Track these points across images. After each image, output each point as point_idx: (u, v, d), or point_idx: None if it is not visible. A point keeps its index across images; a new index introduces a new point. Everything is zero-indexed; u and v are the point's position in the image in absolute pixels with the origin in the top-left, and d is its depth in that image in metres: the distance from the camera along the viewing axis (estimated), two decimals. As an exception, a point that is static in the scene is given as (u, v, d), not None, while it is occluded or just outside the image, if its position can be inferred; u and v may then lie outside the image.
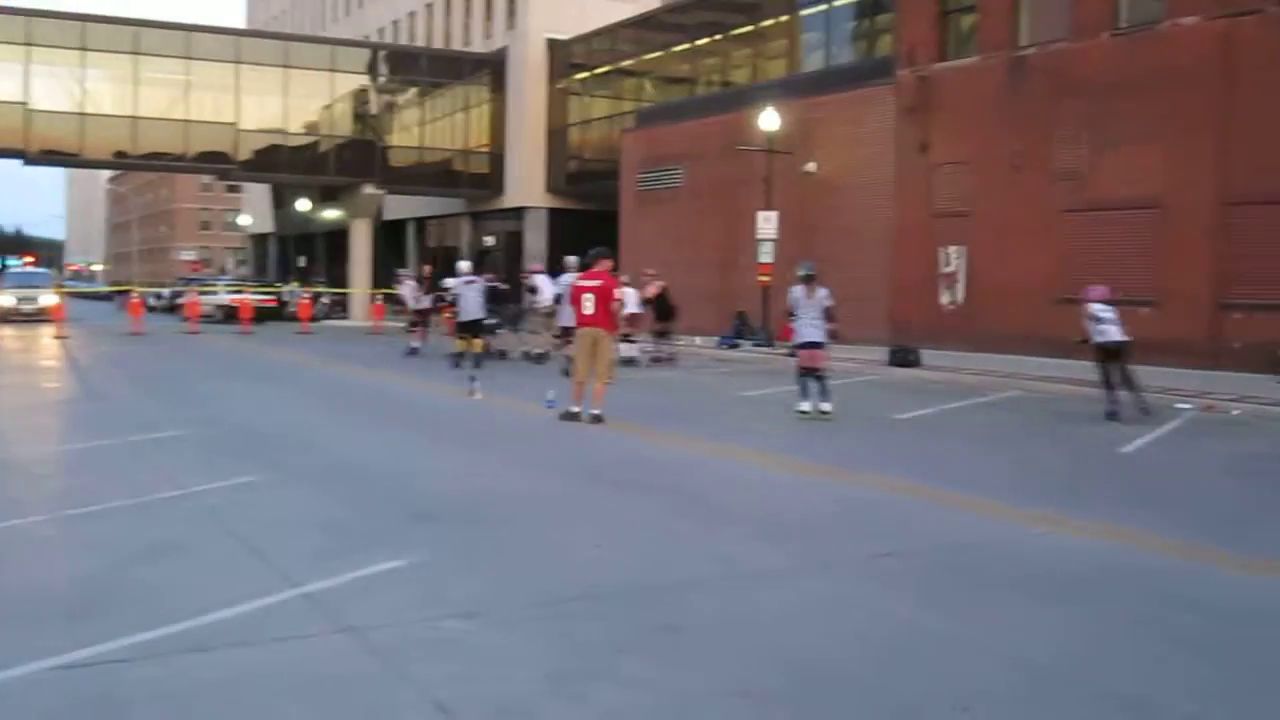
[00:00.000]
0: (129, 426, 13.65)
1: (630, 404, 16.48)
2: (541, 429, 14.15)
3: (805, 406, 15.50)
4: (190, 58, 44.24)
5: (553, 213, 46.95)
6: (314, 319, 40.70)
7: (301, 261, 63.69)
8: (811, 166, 30.82)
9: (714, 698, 5.19)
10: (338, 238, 55.18)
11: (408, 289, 30.09)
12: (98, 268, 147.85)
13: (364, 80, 48.77)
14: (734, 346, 29.02)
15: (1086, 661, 5.74)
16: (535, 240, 46.36)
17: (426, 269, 33.93)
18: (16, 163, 44.18)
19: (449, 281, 24.03)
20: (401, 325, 33.38)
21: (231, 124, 44.80)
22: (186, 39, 44.42)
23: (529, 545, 7.94)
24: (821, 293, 15.68)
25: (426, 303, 29.41)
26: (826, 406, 15.36)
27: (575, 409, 14.59)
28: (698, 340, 30.23)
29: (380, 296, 44.04)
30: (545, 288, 24.77)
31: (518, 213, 47.74)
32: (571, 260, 24.62)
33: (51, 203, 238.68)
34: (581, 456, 12.06)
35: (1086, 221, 24.12)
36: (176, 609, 6.31)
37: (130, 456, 11.59)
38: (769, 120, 29.21)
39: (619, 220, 38.84)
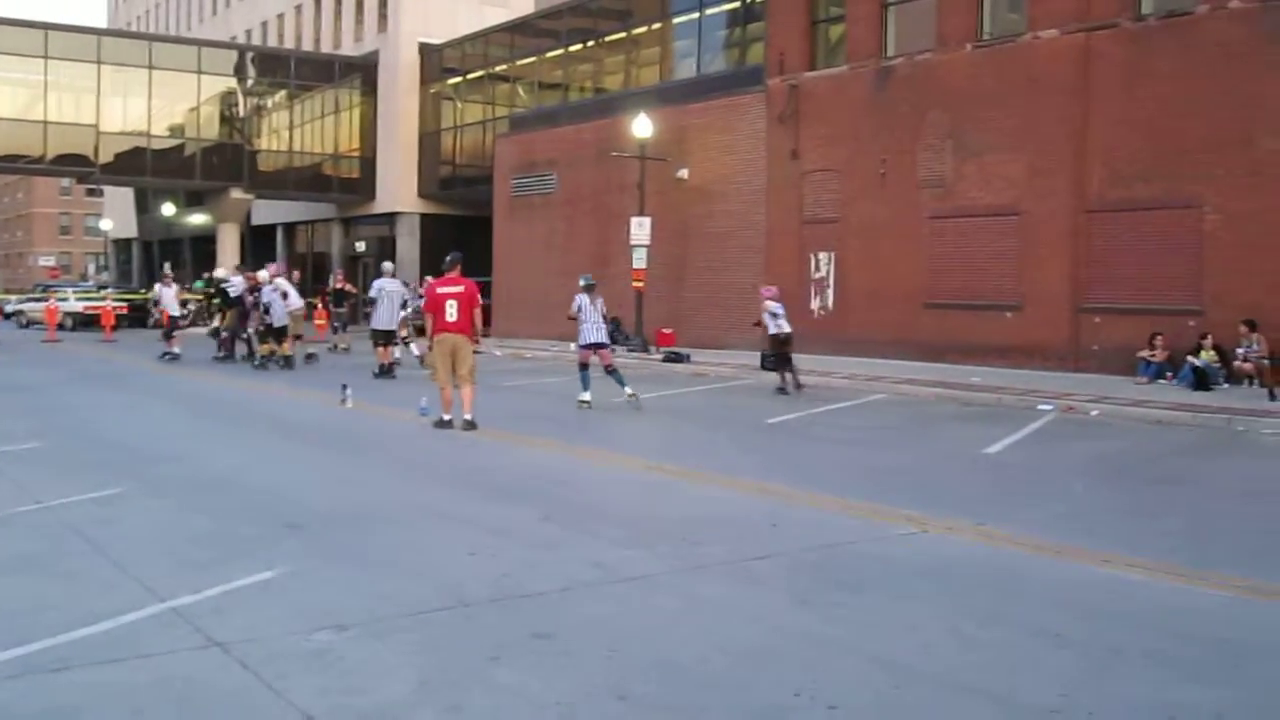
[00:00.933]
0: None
1: (504, 411, 16.44)
2: (414, 437, 14.05)
3: (586, 397, 17.54)
4: (49, 57, 43.02)
5: (425, 218, 46.67)
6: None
7: (166, 267, 62.27)
8: (684, 173, 31.06)
9: (589, 702, 5.22)
10: (205, 242, 54.20)
11: (170, 293, 28.35)
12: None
13: (231, 82, 47.92)
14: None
15: (951, 658, 5.89)
16: (407, 246, 46.06)
17: (296, 275, 33.38)
18: None
19: (375, 284, 23.78)
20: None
21: (92, 126, 43.68)
22: (45, 37, 43.17)
23: (401, 554, 7.88)
24: (600, 301, 18.19)
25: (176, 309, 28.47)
26: (630, 390, 17.55)
27: (447, 417, 14.51)
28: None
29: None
30: (292, 294, 25.08)
31: (390, 218, 47.34)
32: (388, 266, 24.83)
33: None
34: (454, 464, 12.01)
35: (952, 228, 24.71)
36: (34, 626, 6.14)
37: (-15, 470, 11.23)
38: (642, 127, 29.38)
39: (493, 225, 38.71)
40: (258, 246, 52.84)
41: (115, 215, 70.91)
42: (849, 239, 26.91)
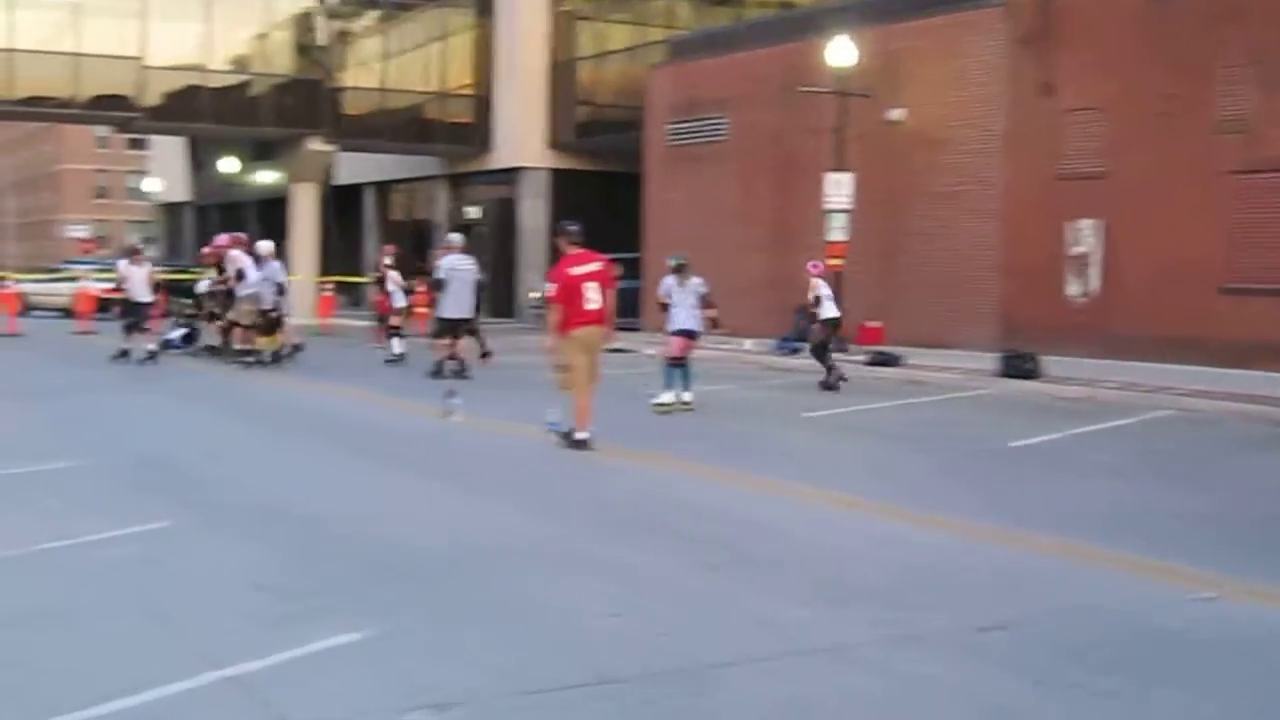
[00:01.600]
0: (7, 457, 13.73)
1: (654, 428, 16.50)
2: (536, 458, 14.20)
3: (667, 398, 18.58)
4: (83, -27, 44.45)
5: (556, 175, 46.95)
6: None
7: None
8: (897, 114, 30.77)
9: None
10: (274, 208, 55.25)
11: (140, 274, 28.06)
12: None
13: (309, 2, 48.95)
14: (795, 352, 28.98)
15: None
16: (533, 211, 46.42)
17: (389, 249, 33.97)
18: None
19: (444, 262, 24.17)
20: (368, 323, 33.62)
21: (136, 59, 44.85)
22: (77, -51, 44.62)
23: (524, 611, 7.95)
24: (694, 281, 19.24)
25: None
26: (688, 396, 18.74)
27: (583, 434, 14.63)
28: (748, 344, 30.23)
29: (334, 285, 44.15)
30: (250, 271, 25.73)
31: (510, 175, 47.75)
32: (456, 238, 25.13)
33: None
34: (589, 494, 12.11)
35: (1261, 186, 24.03)
36: (59, 696, 6.32)
37: (5, 496, 11.66)
38: (840, 53, 29.19)
39: (642, 185, 38.88)
40: (342, 211, 53.85)
41: (164, 173, 73.02)
42: (1119, 202, 26.35)
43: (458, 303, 23.74)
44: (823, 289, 22.47)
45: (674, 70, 38.89)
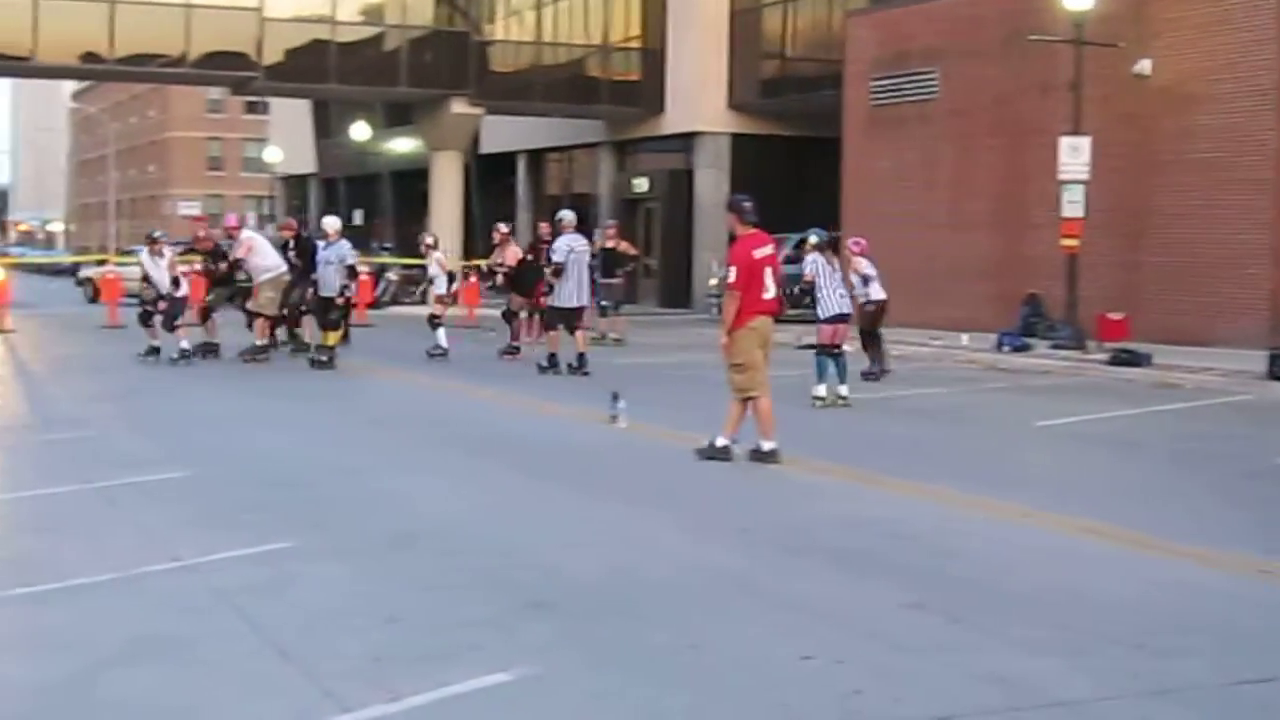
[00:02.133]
0: (104, 464, 14.09)
1: (849, 436, 16.43)
2: (709, 472, 14.21)
3: (822, 391, 19.65)
4: (192, -90, 45.27)
5: (738, 140, 46.92)
6: (375, 304, 41.37)
7: (357, 217, 64.91)
8: (1144, 66, 30.31)
9: None
10: (411, 180, 55.96)
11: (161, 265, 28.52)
12: (56, 227, 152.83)
13: (451, -59, 49.52)
14: (1022, 349, 28.71)
15: None
16: (711, 182, 46.40)
17: (544, 228, 34.21)
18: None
19: (559, 243, 24.45)
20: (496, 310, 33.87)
21: (254, 10, 45.60)
22: (188, -116, 45.45)
23: (697, 653, 7.95)
24: (837, 261, 20.65)
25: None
26: (844, 390, 19.71)
27: (725, 440, 14.69)
28: (964, 339, 30.00)
29: (477, 270, 44.48)
30: (265, 254, 25.94)
31: (685, 140, 47.85)
32: (569, 215, 25.41)
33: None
34: (772, 515, 12.10)
35: None
36: (170, 739, 6.50)
37: (105, 510, 11.97)
38: (1078, -6, 28.83)
39: (840, 151, 38.72)
40: (489, 184, 54.33)
41: (285, 142, 74.31)
42: None
43: (579, 289, 24.38)
44: (867, 268, 23.15)
45: (876, 18, 38.72)
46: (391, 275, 47.87)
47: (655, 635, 8.31)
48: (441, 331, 27.46)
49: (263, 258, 25.79)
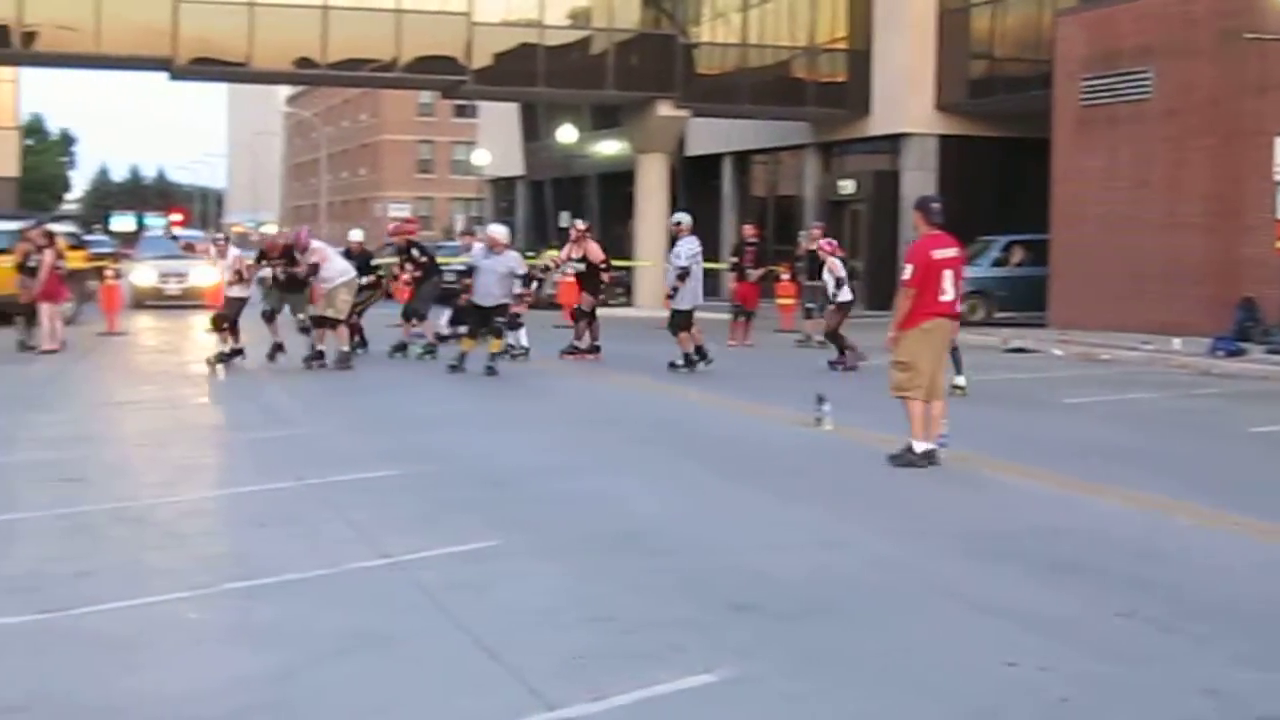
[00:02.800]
0: (315, 462, 14.37)
1: (1059, 441, 16.22)
2: (914, 476, 14.13)
3: (962, 381, 20.58)
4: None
5: (945, 141, 46.46)
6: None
7: (564, 219, 65.34)
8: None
9: None
10: (617, 182, 56.26)
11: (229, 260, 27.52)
12: (269, 228, 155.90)
13: (658, -55, 49.68)
14: (1236, 354, 28.14)
15: None
16: (918, 183, 45.98)
17: (749, 230, 34.24)
18: (161, 77, 46.91)
19: (681, 246, 24.99)
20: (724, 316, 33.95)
21: (463, 14, 46.12)
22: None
23: (900, 656, 7.93)
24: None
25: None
26: (961, 380, 20.48)
27: (923, 445, 14.58)
28: (1176, 343, 29.48)
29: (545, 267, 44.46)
30: (336, 260, 25.61)
31: (891, 142, 47.55)
32: (685, 219, 25.87)
33: (208, 136, 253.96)
34: (976, 518, 12.04)
35: None
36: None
37: (317, 506, 12.21)
38: (1297, -10, 28.20)
39: (1049, 152, 38.24)
40: (695, 186, 54.43)
41: (493, 145, 75.11)
42: None
43: (698, 291, 25.08)
44: (840, 270, 25.01)
45: (1086, 17, 38.14)
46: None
47: (857, 638, 8.29)
48: (523, 331, 27.29)
49: (334, 265, 25.42)
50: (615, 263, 47.58)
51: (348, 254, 27.06)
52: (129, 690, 7.26)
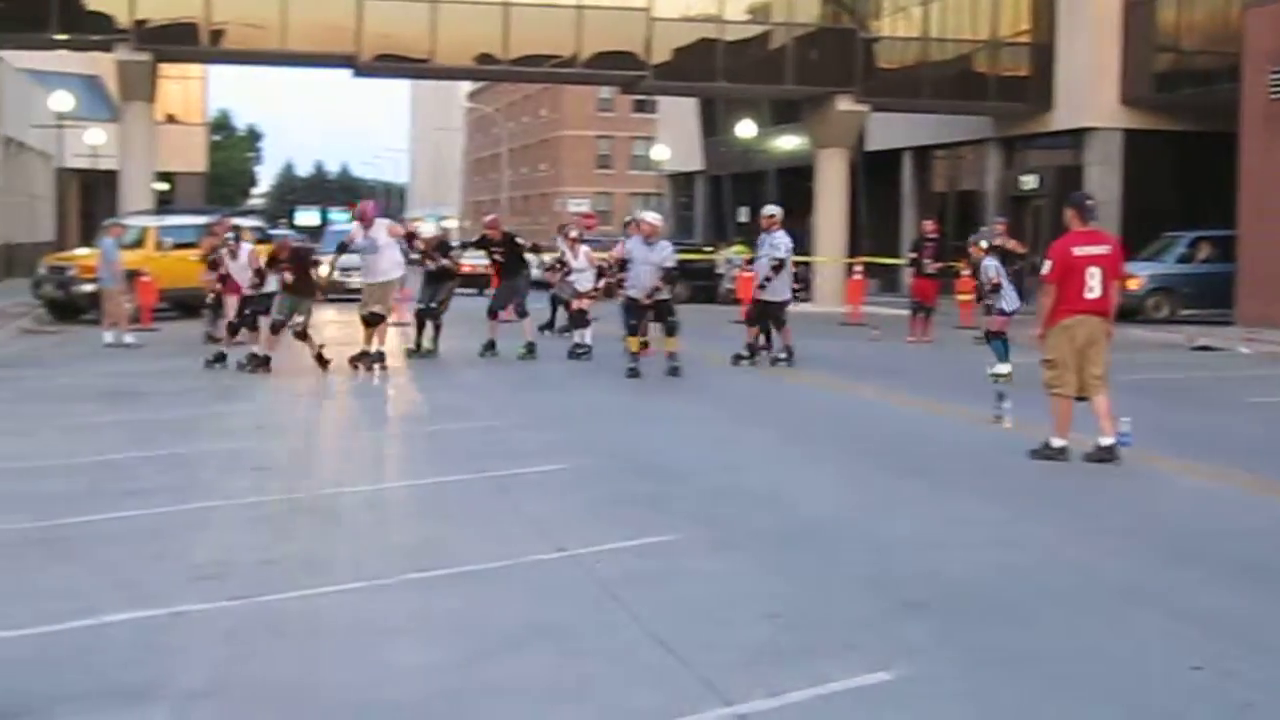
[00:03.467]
0: (493, 455, 14.52)
1: (1236, 440, 15.99)
2: (1092, 474, 14.05)
3: (1005, 369, 21.84)
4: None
5: (1130, 136, 45.80)
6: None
7: (742, 214, 65.35)
8: None
9: None
10: (796, 177, 56.11)
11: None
12: (450, 223, 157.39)
13: (840, -60, 49.53)
14: None
15: None
16: (1103, 178, 45.46)
17: (928, 225, 34.05)
18: (344, 73, 47.70)
19: (778, 240, 24.72)
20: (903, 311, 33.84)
21: (643, 10, 46.33)
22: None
23: (1077, 658, 7.85)
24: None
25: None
26: (1005, 369, 21.83)
27: (1061, 441, 14.56)
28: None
29: (865, 267, 44.34)
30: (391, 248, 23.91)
31: (1075, 137, 47.00)
32: (778, 211, 25.39)
33: (391, 131, 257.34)
34: (1157, 518, 11.92)
35: None
36: (555, 723, 6.68)
37: (495, 499, 12.36)
38: None
39: (1237, 147, 37.57)
40: (874, 181, 54.20)
41: (672, 140, 75.23)
42: None
43: (788, 284, 24.71)
44: (995, 274, 23.82)
45: (1275, 9, 37.37)
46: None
47: (1034, 639, 8.23)
48: (588, 331, 26.41)
49: (392, 255, 23.80)
50: (795, 258, 47.62)
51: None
52: (313, 677, 7.41)
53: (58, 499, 12.06)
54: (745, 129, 58.46)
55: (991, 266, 22.93)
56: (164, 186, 64.05)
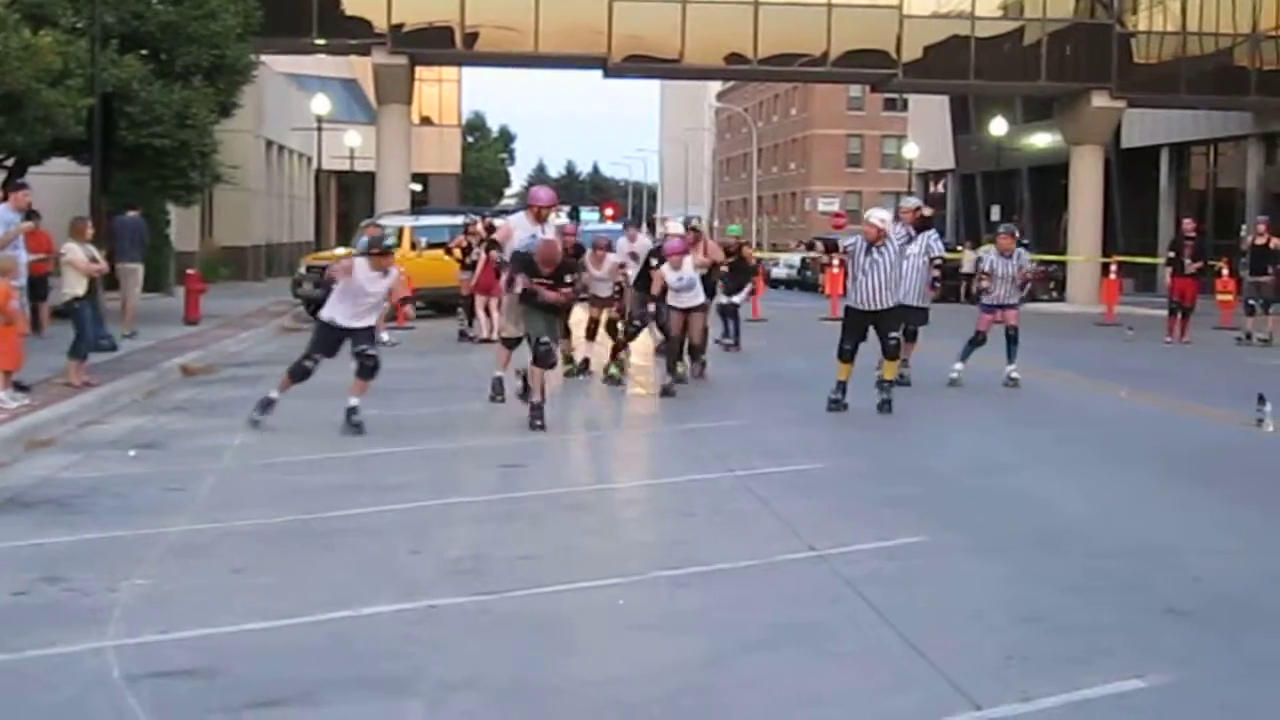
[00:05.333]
0: (743, 453, 14.55)
1: None
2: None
3: (956, 371, 20.77)
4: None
5: (1399, 131, 44.65)
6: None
7: (994, 212, 64.64)
8: None
9: None
10: (1050, 176, 55.51)
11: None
12: (698, 224, 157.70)
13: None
14: None
15: None
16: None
17: (1188, 224, 33.35)
18: (595, 75, 48.28)
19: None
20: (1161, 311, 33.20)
21: (894, 7, 46.16)
22: None
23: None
24: (1020, 254, 21.62)
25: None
26: (1014, 370, 20.83)
27: None
28: None
29: (1120, 266, 43.55)
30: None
31: (1340, 132, 45.90)
32: (913, 202, 21.84)
33: (639, 133, 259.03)
34: None
35: None
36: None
37: (745, 498, 12.37)
38: None
39: None
40: (1128, 179, 53.32)
41: (923, 138, 74.73)
42: None
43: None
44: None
45: None
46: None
47: (1300, 649, 8.06)
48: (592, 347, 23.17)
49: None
50: (1047, 257, 47.08)
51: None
52: (564, 672, 7.51)
53: (319, 492, 12.40)
54: (997, 126, 57.86)
55: (987, 260, 21.82)
56: (418, 187, 65.27)
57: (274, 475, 13.43)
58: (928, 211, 21.39)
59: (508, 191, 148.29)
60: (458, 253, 28.65)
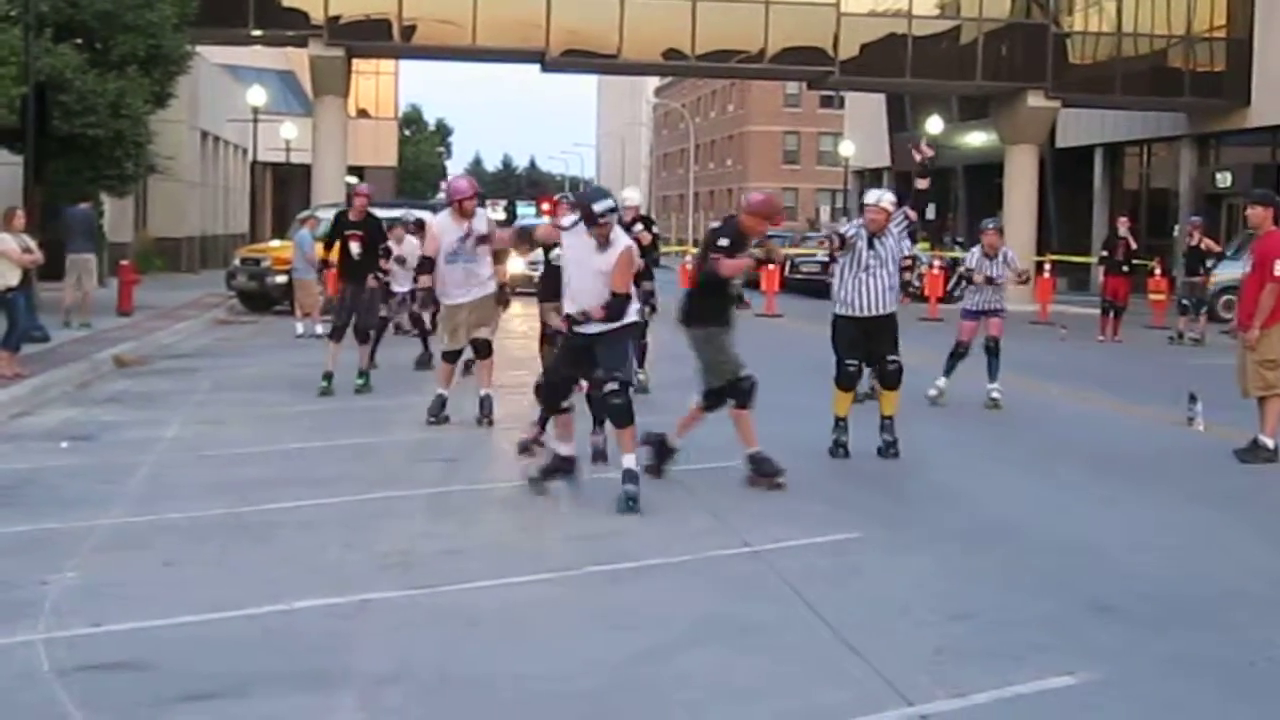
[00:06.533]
0: (682, 451, 14.56)
1: None
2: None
3: (937, 388, 18.69)
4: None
5: (1329, 135, 45.08)
6: (947, 298, 41.35)
7: (929, 211, 64.78)
8: None
9: None
10: (985, 174, 55.73)
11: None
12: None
13: (1031, -67, 49.05)
14: None
15: None
16: (1302, 178, 44.72)
17: (1123, 222, 33.54)
18: (532, 69, 48.24)
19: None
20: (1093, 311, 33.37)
21: (832, 5, 46.22)
22: None
23: (1272, 665, 7.78)
24: (1008, 254, 20.00)
25: None
26: (997, 388, 18.68)
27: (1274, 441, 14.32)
28: None
29: (1053, 265, 43.83)
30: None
31: (1271, 134, 46.20)
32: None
33: (576, 128, 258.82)
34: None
35: None
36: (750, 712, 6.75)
37: (680, 494, 12.39)
38: None
39: None
40: (1063, 178, 53.62)
41: (860, 136, 74.88)
42: None
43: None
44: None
45: None
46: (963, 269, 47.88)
47: (1226, 646, 8.12)
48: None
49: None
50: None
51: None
52: (494, 666, 7.51)
53: (252, 486, 12.33)
54: (933, 125, 58.06)
55: (971, 259, 20.44)
56: (355, 180, 65.13)
57: (207, 468, 13.34)
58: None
59: (443, 185, 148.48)
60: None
